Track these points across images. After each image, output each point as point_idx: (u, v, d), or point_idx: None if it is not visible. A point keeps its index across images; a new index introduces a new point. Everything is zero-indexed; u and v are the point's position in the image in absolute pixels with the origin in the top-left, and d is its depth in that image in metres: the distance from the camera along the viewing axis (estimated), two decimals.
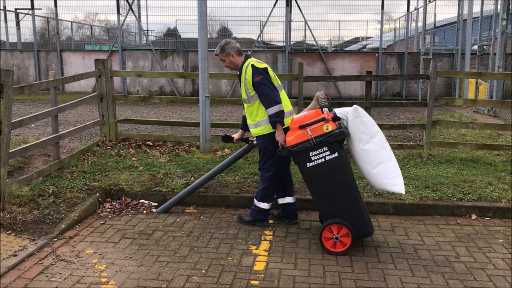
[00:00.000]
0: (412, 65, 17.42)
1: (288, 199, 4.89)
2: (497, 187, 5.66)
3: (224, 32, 25.10)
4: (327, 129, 4.08)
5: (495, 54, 12.07)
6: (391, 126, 7.61)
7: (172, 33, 24.45)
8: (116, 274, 3.78)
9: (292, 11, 16.92)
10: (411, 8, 19.69)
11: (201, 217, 5.13)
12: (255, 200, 4.86)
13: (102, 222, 4.94)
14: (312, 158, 4.14)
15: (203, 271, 3.86)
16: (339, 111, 4.35)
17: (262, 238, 4.55)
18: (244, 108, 4.87)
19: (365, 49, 25.85)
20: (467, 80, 15.04)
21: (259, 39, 18.48)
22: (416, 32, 19.72)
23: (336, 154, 4.10)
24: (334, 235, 4.19)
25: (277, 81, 4.68)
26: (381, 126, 7.85)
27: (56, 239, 4.43)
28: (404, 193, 4.37)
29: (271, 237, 4.59)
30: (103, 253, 4.17)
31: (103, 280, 3.69)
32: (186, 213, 5.25)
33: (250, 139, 5.05)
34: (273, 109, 4.47)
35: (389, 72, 17.34)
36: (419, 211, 5.24)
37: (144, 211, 5.27)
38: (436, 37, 20.96)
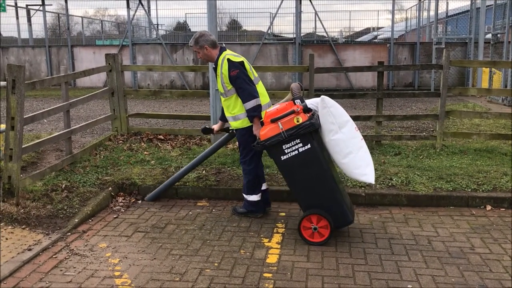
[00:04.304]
0: (424, 55, 17.22)
1: (263, 186, 4.92)
2: None
3: (234, 24, 25.02)
4: (297, 122, 4.06)
5: (509, 42, 11.87)
6: (404, 116, 7.54)
7: (182, 27, 24.45)
8: (130, 268, 3.80)
9: (302, 2, 16.79)
10: None
11: (213, 210, 5.14)
12: (243, 194, 4.90)
13: (115, 216, 4.97)
14: (286, 151, 4.13)
15: (216, 264, 3.86)
16: (310, 102, 4.33)
17: (274, 231, 4.54)
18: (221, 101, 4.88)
19: (376, 40, 25.59)
20: (481, 70, 14.83)
21: (269, 31, 18.38)
22: (428, 21, 19.45)
23: (309, 146, 4.09)
24: (313, 225, 4.19)
25: (253, 74, 4.68)
26: (393, 117, 7.85)
27: (69, 233, 4.46)
28: (373, 183, 4.30)
29: (283, 229, 4.58)
30: (117, 247, 4.20)
31: (117, 273, 3.71)
32: (198, 207, 5.26)
33: (230, 128, 5.06)
34: (250, 104, 4.47)
35: (401, 62, 17.16)
36: (433, 202, 5.19)
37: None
38: (449, 26, 20.68)
